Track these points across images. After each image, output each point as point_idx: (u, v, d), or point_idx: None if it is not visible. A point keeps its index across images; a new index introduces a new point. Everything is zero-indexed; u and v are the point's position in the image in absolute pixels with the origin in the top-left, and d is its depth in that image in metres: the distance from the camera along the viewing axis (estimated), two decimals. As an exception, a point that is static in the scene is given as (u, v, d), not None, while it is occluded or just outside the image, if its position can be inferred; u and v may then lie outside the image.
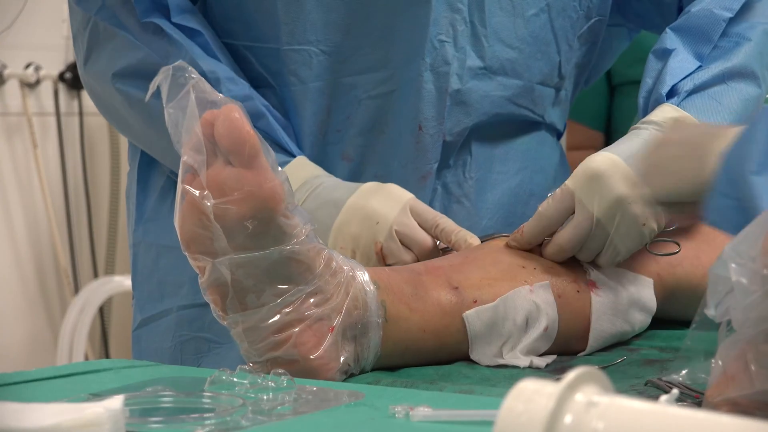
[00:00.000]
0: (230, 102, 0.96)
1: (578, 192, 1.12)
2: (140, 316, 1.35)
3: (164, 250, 1.33)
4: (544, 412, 0.58)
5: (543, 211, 1.14)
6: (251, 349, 1.00)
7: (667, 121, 1.19)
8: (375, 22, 1.25)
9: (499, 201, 1.35)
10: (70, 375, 0.97)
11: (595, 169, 1.12)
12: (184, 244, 0.98)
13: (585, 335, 1.14)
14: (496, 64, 1.30)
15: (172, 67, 0.94)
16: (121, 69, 1.26)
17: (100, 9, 1.27)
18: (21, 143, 2.97)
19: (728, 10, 1.27)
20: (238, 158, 0.96)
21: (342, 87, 1.28)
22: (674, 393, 0.66)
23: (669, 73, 1.24)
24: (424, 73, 1.26)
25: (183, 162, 0.96)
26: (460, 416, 0.80)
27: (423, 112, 1.26)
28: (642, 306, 1.16)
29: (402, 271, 1.11)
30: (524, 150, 1.37)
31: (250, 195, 0.96)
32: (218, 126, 0.96)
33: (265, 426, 0.80)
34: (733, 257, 0.75)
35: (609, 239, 1.13)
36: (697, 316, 0.84)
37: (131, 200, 1.38)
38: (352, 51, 1.27)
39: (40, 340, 3.04)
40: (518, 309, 1.10)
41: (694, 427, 0.58)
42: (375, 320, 1.05)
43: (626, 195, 1.12)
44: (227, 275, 0.98)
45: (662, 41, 1.28)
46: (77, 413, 0.72)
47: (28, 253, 3.00)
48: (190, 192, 0.96)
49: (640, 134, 1.18)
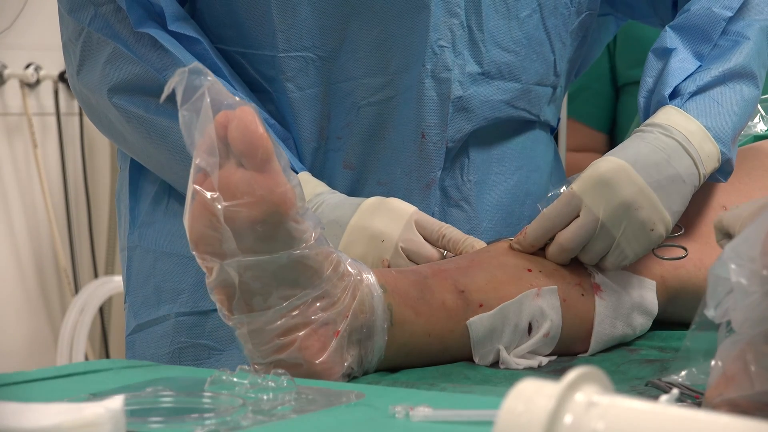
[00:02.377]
0: (245, 104, 0.95)
1: (585, 196, 1.12)
2: (135, 321, 1.33)
3: (162, 255, 1.32)
4: (544, 412, 0.58)
5: (547, 213, 1.14)
6: (255, 351, 1.00)
7: (672, 124, 1.18)
8: (372, 27, 1.24)
9: (498, 202, 1.35)
10: (70, 375, 0.97)
11: (603, 174, 1.13)
12: (192, 244, 0.98)
13: (587, 338, 1.14)
14: (494, 69, 1.29)
15: (187, 70, 0.93)
16: (117, 83, 1.25)
17: (93, 19, 1.25)
18: (21, 143, 2.98)
19: (728, 9, 1.27)
20: (251, 161, 0.95)
21: (340, 93, 1.27)
22: (674, 393, 0.66)
23: (671, 74, 1.23)
24: (425, 80, 1.25)
25: (195, 163, 0.96)
26: (460, 416, 0.80)
27: (425, 119, 1.26)
28: (644, 309, 1.16)
29: (408, 274, 1.10)
30: (520, 149, 1.37)
31: (261, 199, 0.95)
32: (232, 128, 0.95)
33: (265, 426, 0.80)
34: (733, 258, 0.75)
35: (615, 243, 1.13)
36: (697, 316, 0.84)
37: (123, 203, 1.37)
38: (348, 56, 1.26)
39: (40, 340, 3.04)
40: (523, 313, 1.10)
41: (694, 428, 0.58)
42: (381, 324, 1.04)
43: (634, 200, 1.12)
44: (235, 277, 0.97)
45: (662, 40, 1.27)
46: (77, 413, 0.72)
47: (28, 253, 3.00)
48: (201, 193, 0.95)
49: (645, 137, 1.17)
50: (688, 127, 1.19)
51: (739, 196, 1.28)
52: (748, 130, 1.55)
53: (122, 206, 1.37)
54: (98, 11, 1.25)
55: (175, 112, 0.95)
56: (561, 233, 1.13)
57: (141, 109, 1.24)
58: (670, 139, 1.17)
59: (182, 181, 1.24)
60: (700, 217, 1.25)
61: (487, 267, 1.12)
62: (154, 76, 1.22)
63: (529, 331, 1.11)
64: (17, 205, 2.97)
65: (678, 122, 1.19)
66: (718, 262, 0.76)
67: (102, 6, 1.24)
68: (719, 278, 0.76)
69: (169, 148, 1.24)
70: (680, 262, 1.20)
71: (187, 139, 0.95)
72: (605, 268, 1.15)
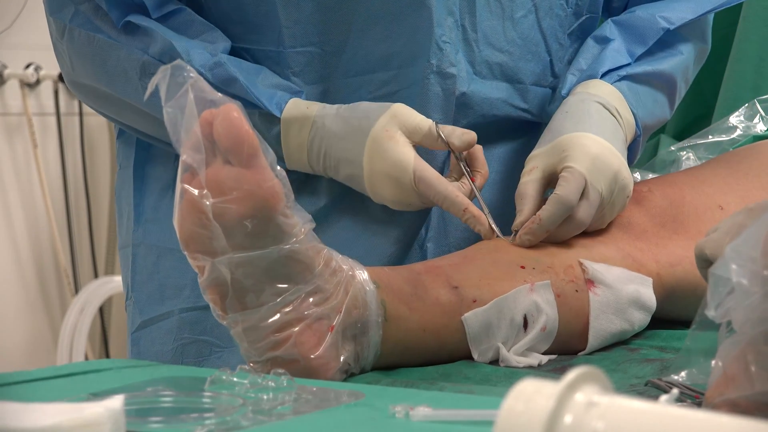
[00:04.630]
0: (229, 101, 0.96)
1: (589, 174, 1.18)
2: (140, 318, 1.34)
3: (165, 251, 1.32)
4: (544, 412, 0.58)
5: (563, 195, 1.16)
6: (251, 349, 1.00)
7: (606, 93, 1.26)
8: (375, 22, 1.25)
9: (497, 202, 1.35)
10: (70, 375, 0.97)
11: (596, 151, 1.19)
12: (183, 243, 0.98)
13: (584, 334, 1.14)
14: (485, 69, 1.30)
15: (170, 66, 0.94)
16: (112, 74, 1.25)
17: (74, 16, 1.26)
18: (21, 143, 2.97)
19: (669, 23, 1.34)
20: (237, 157, 0.96)
21: (346, 88, 1.27)
22: (674, 393, 0.66)
23: (608, 58, 1.31)
24: (430, 76, 1.26)
25: (182, 161, 0.96)
26: (460, 416, 0.80)
27: (430, 115, 1.26)
28: (641, 305, 1.17)
29: (401, 271, 1.11)
30: (523, 150, 1.37)
31: (249, 194, 0.96)
32: (217, 125, 0.96)
33: (265, 426, 0.80)
34: (734, 258, 0.75)
35: (602, 210, 1.19)
36: (698, 316, 0.84)
37: (126, 201, 1.37)
38: (354, 51, 1.26)
39: (40, 340, 3.04)
40: (517, 308, 1.10)
41: (694, 428, 0.58)
42: (375, 319, 1.05)
43: (619, 170, 1.20)
44: (227, 274, 0.98)
45: (603, 29, 1.34)
46: (77, 413, 0.72)
47: (28, 253, 3.00)
48: (189, 191, 0.96)
49: (589, 108, 1.24)
50: (617, 97, 1.27)
51: (737, 196, 1.28)
52: (748, 130, 1.56)
53: (123, 204, 1.37)
54: (78, 9, 1.26)
55: None
56: (577, 211, 1.17)
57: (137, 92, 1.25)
58: (607, 111, 1.25)
59: None
60: (697, 216, 1.26)
61: (480, 263, 1.13)
62: (140, 56, 1.22)
63: (525, 326, 1.11)
64: (17, 205, 2.97)
65: (608, 92, 1.28)
66: (720, 262, 0.76)
67: (82, 4, 1.25)
68: (720, 278, 0.76)
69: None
70: (677, 259, 1.21)
71: (173, 136, 0.96)
72: (587, 231, 1.20)
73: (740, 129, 1.57)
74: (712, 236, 0.96)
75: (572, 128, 1.22)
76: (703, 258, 0.96)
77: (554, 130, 1.24)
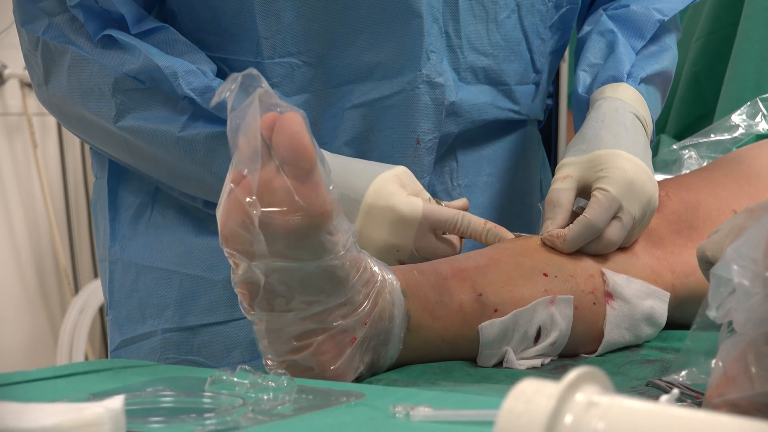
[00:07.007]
0: (295, 110, 0.94)
1: (623, 200, 1.16)
2: (119, 336, 1.32)
3: (144, 270, 1.31)
4: (544, 412, 0.58)
5: (592, 219, 1.15)
6: (270, 348, 0.99)
7: (633, 100, 1.25)
8: (359, 32, 1.23)
9: (491, 204, 1.35)
10: (70, 375, 0.97)
11: (633, 176, 1.17)
12: (222, 239, 0.97)
13: (592, 343, 1.14)
14: (470, 75, 1.29)
15: (241, 76, 0.92)
16: (85, 89, 1.23)
17: (47, 29, 1.23)
18: (21, 143, 2.98)
19: (663, 15, 1.34)
20: (293, 170, 0.94)
21: (327, 98, 1.26)
22: (674, 393, 0.66)
23: (625, 57, 1.30)
24: (419, 85, 1.25)
25: (234, 160, 0.94)
26: (461, 416, 0.80)
27: (420, 125, 1.25)
28: (653, 321, 1.16)
29: (429, 275, 1.09)
30: (512, 149, 1.37)
31: (299, 209, 0.94)
32: (277, 133, 0.94)
33: (265, 426, 0.79)
34: (736, 259, 0.75)
35: (632, 231, 1.18)
36: (698, 316, 0.84)
37: (101, 213, 1.35)
38: (335, 62, 1.25)
39: (40, 340, 3.04)
40: (534, 320, 1.10)
41: (694, 428, 0.57)
42: (398, 333, 1.04)
43: (653, 195, 1.19)
44: (260, 278, 0.97)
45: (603, 23, 1.33)
46: (77, 413, 0.72)
47: (28, 253, 3.00)
48: (238, 193, 0.94)
49: (624, 120, 1.22)
50: (642, 103, 1.27)
51: (750, 199, 1.28)
52: (750, 129, 1.56)
53: (100, 216, 1.35)
54: (52, 21, 1.23)
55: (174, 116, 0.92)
56: (608, 231, 1.16)
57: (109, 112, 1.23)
58: (639, 122, 1.24)
59: (181, 175, 1.24)
60: (711, 222, 1.25)
61: (504, 267, 1.12)
62: (115, 72, 1.20)
63: (537, 336, 1.11)
64: (17, 205, 2.97)
65: (635, 99, 1.27)
66: (721, 263, 0.76)
67: (56, 16, 1.23)
68: (721, 279, 0.76)
69: (172, 150, 1.23)
70: (690, 269, 1.21)
71: (231, 142, 0.94)
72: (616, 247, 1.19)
73: (742, 128, 1.57)
74: (713, 238, 0.96)
75: (611, 142, 1.20)
76: (704, 260, 0.96)
77: (590, 140, 1.21)
